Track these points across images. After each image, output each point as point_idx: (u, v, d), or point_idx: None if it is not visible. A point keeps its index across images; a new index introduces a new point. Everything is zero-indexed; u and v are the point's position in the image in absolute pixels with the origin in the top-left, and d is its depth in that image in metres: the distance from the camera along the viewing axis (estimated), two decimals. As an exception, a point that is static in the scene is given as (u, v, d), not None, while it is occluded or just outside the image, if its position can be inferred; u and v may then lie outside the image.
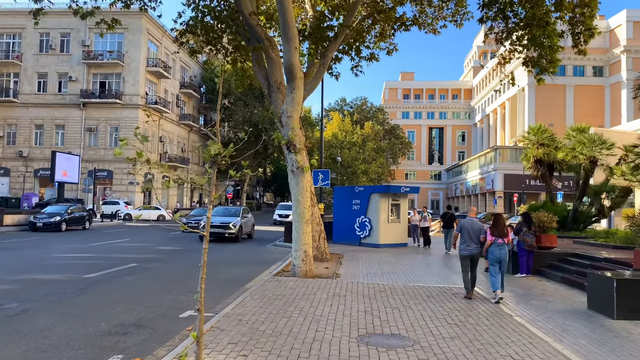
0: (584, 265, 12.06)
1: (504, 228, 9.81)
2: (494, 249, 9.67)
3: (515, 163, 59.96)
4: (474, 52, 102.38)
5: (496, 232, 9.71)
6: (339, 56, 18.68)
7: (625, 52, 62.32)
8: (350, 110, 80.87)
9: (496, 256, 9.65)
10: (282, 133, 12.22)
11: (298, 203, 12.01)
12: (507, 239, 9.83)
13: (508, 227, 14.27)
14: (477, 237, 9.70)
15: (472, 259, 9.76)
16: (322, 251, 16.06)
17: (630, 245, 14.75)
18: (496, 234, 9.69)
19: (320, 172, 21.51)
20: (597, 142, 20.58)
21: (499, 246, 9.66)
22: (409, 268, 14.52)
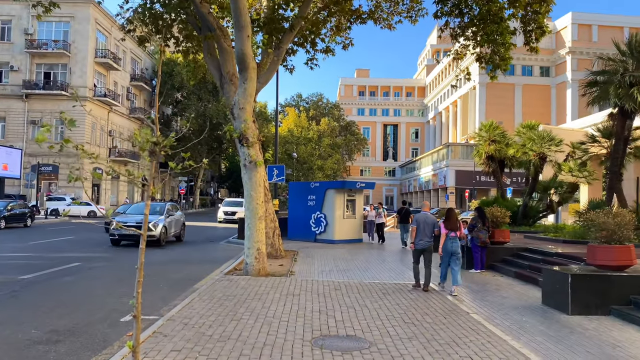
0: (537, 260, 12.16)
1: (457, 222, 10.22)
2: (447, 243, 10.08)
3: (467, 160, 61.29)
4: (427, 50, 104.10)
5: (449, 225, 10.09)
6: (294, 48, 18.26)
7: (570, 54, 64.73)
8: (306, 106, 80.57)
9: (449, 249, 10.03)
10: (234, 126, 11.71)
11: (251, 199, 11.54)
12: (460, 232, 10.19)
13: (462, 222, 14.34)
14: (431, 231, 10.02)
15: (424, 252, 10.07)
16: (276, 248, 15.63)
17: (579, 240, 15.07)
18: (449, 228, 10.08)
19: (275, 167, 21.07)
20: (546, 138, 21.04)
21: (451, 239, 10.07)
22: (365, 264, 14.31)
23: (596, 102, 14.14)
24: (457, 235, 10.08)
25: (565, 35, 65.65)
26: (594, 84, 14.31)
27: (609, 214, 8.48)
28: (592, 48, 64.21)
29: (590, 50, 64.29)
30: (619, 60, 13.87)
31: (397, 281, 11.28)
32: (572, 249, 12.93)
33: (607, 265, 8.27)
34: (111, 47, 51.16)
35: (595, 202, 16.19)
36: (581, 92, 15.01)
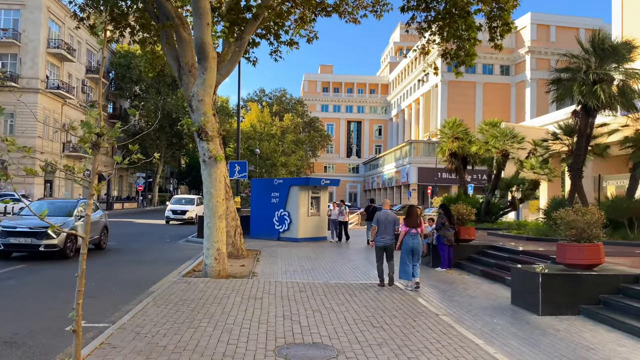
0: (503, 258, 12.05)
1: (417, 219, 10.24)
2: (408, 239, 10.10)
3: (429, 157, 61.93)
4: (390, 48, 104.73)
5: (410, 222, 10.13)
6: (257, 40, 17.68)
7: (529, 53, 66.23)
8: (270, 101, 79.60)
9: (410, 246, 10.05)
10: (192, 119, 11.08)
11: (211, 196, 10.95)
12: (420, 229, 10.26)
13: (429, 219, 14.14)
14: (392, 229, 10.08)
15: (386, 250, 10.10)
16: (238, 247, 15.06)
17: (542, 237, 15.14)
18: (409, 225, 10.12)
19: (237, 163, 20.44)
20: (509, 135, 21.19)
21: (412, 236, 10.10)
22: (330, 264, 13.92)
23: (560, 100, 14.20)
24: (418, 232, 10.12)
25: (525, 34, 67.12)
26: (558, 81, 14.35)
27: (579, 212, 8.34)
28: (550, 48, 65.92)
29: (548, 50, 66.01)
30: (582, 58, 13.92)
31: (364, 281, 10.94)
32: (537, 247, 12.91)
33: (577, 264, 8.13)
34: (65, 38, 49.04)
35: (558, 199, 16.32)
36: (545, 90, 15.04)
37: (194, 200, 33.45)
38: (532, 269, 8.39)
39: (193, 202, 33.18)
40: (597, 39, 13.41)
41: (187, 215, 31.25)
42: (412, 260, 10.01)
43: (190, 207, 32.25)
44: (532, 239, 15.18)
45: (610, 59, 13.35)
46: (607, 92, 12.91)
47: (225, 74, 15.09)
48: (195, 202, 32.97)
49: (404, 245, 10.12)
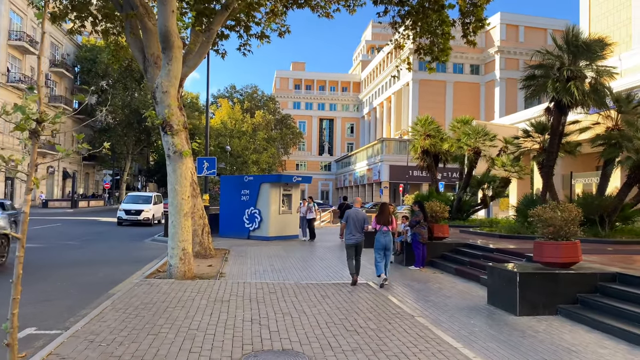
0: (477, 256, 11.86)
1: (389, 216, 10.33)
2: (379, 237, 10.21)
3: (400, 154, 62.14)
4: (362, 46, 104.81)
5: (381, 220, 10.25)
6: (226, 33, 17.12)
7: (499, 53, 67.10)
8: (241, 98, 78.59)
9: (381, 243, 10.16)
10: (157, 111, 10.50)
11: (175, 193, 10.39)
12: (392, 226, 10.37)
13: (403, 217, 13.88)
14: (362, 227, 10.13)
15: (356, 247, 10.13)
16: (205, 247, 14.51)
17: (515, 235, 15.06)
18: (381, 222, 10.24)
19: (205, 159, 19.83)
20: (481, 133, 21.16)
21: (384, 233, 10.20)
22: (301, 263, 13.51)
23: (534, 96, 14.11)
24: (389, 229, 10.26)
25: (494, 34, 67.97)
26: (532, 77, 14.26)
27: (556, 209, 8.15)
28: (519, 48, 66.94)
29: (517, 50, 67.02)
30: (556, 55, 13.86)
31: (336, 280, 10.57)
32: (510, 244, 12.77)
33: (554, 262, 7.93)
34: (27, 30, 47.24)
35: (530, 197, 16.30)
36: (520, 86, 14.96)
37: (151, 199, 29.62)
38: (510, 268, 8.15)
39: (150, 201, 29.33)
40: (571, 36, 13.36)
41: (143, 216, 27.62)
42: (383, 257, 10.13)
43: (146, 206, 28.41)
44: (505, 236, 15.09)
45: (584, 56, 13.32)
46: (581, 89, 12.88)
47: (193, 66, 14.52)
48: (153, 200, 29.49)
49: (376, 242, 10.26)
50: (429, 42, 15.92)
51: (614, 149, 13.87)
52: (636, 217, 15.47)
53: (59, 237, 20.33)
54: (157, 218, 29.50)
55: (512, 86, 67.65)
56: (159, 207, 30.04)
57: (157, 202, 30.24)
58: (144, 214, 27.74)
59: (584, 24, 30.27)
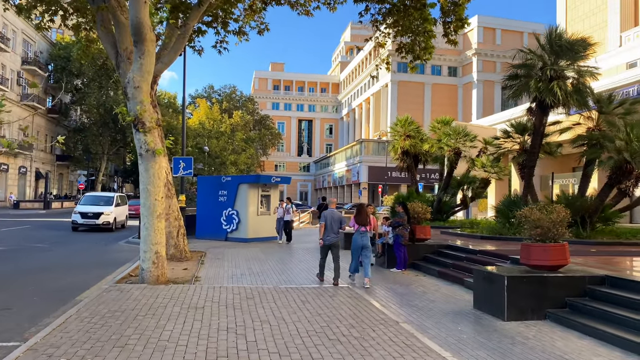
0: (460, 258, 11.61)
1: (367, 217, 10.42)
2: (357, 237, 10.34)
3: (379, 156, 62.15)
4: (341, 47, 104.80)
5: (359, 220, 10.35)
6: (203, 28, 16.61)
7: (476, 55, 67.67)
8: (219, 98, 77.69)
9: (359, 243, 10.30)
10: (128, 108, 9.98)
11: (148, 194, 9.88)
12: (369, 227, 10.46)
13: (384, 218, 13.57)
14: (338, 227, 10.21)
15: (331, 248, 10.21)
16: (180, 249, 13.99)
17: (496, 236, 14.89)
18: (359, 223, 10.34)
19: (181, 159, 19.25)
20: (462, 134, 21.04)
21: (361, 234, 10.32)
22: (280, 265, 13.10)
23: (517, 96, 13.97)
24: (367, 230, 10.37)
25: (472, 37, 68.53)
26: (515, 77, 14.11)
27: (544, 210, 7.91)
28: (496, 51, 67.62)
29: (494, 53, 67.69)
30: (539, 55, 13.73)
31: (317, 284, 10.18)
32: (493, 246, 12.58)
33: (542, 265, 7.69)
34: (-5, 25, 45.76)
35: (511, 198, 16.18)
36: (503, 85, 14.81)
37: (113, 200, 25.51)
38: (497, 272, 7.88)
39: (111, 202, 25.19)
40: (554, 36, 13.24)
41: (102, 220, 23.72)
42: (362, 257, 10.29)
43: (106, 208, 24.40)
44: (487, 237, 14.91)
45: (566, 56, 13.21)
46: (564, 89, 12.76)
47: (168, 62, 13.98)
48: (115, 201, 25.44)
49: (354, 242, 10.41)
50: (410, 41, 15.71)
51: (596, 149, 13.81)
52: (616, 218, 15.47)
53: (27, 239, 19.50)
54: (121, 222, 26.23)
55: (489, 88, 68.37)
56: (122, 210, 26.70)
57: (121, 203, 26.67)
58: (104, 217, 23.89)
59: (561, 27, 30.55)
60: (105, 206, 24.63)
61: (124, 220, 26.93)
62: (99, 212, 23.90)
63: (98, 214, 23.86)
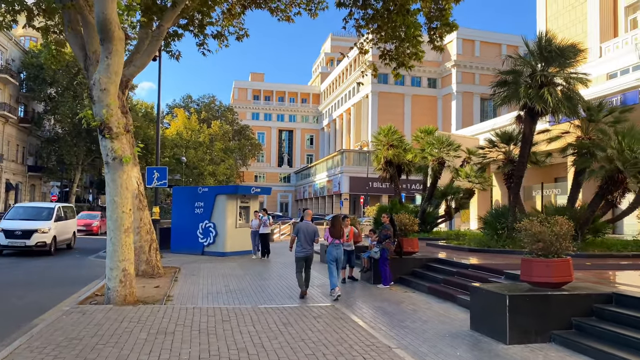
0: (450, 273, 10.99)
1: (341, 229, 10.50)
2: (332, 249, 10.36)
3: (360, 166, 61.73)
4: (321, 58, 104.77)
5: (333, 233, 10.40)
6: (180, 32, 15.89)
7: (455, 67, 68.01)
8: (197, 108, 76.54)
9: (333, 255, 10.32)
10: (94, 112, 9.17)
11: (115, 206, 9.04)
12: (343, 239, 10.58)
13: (370, 231, 12.91)
14: (312, 239, 10.14)
15: (306, 260, 10.19)
16: (153, 265, 13.10)
17: (485, 248, 14.35)
18: (333, 235, 10.38)
19: (155, 169, 18.37)
20: (445, 143, 20.58)
21: (335, 246, 10.36)
22: (260, 281, 12.31)
23: (505, 103, 13.51)
24: (341, 242, 10.46)
25: (451, 49, 68.88)
26: (503, 83, 13.67)
27: (546, 222, 7.33)
28: (474, 62, 68.08)
29: (473, 64, 68.14)
30: (527, 61, 13.31)
31: (298, 303, 9.44)
32: (484, 259, 11.99)
33: (546, 282, 7.09)
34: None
35: (499, 209, 15.69)
36: (491, 92, 14.38)
37: (53, 212, 19.69)
38: (497, 289, 7.24)
39: (50, 215, 19.45)
40: (544, 41, 12.84)
41: (36, 240, 18.17)
42: (336, 270, 10.33)
43: (42, 224, 18.76)
44: (475, 250, 14.35)
45: (556, 62, 12.81)
46: (555, 96, 12.33)
47: (141, 65, 13.24)
48: (55, 214, 19.59)
49: (328, 254, 10.41)
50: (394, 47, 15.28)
51: (586, 158, 13.40)
52: (606, 229, 15.09)
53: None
54: (65, 241, 20.78)
55: (468, 99, 68.74)
56: (66, 225, 20.95)
57: (65, 216, 20.87)
58: (38, 236, 18.22)
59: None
60: (42, 221, 18.89)
61: (70, 239, 21.55)
62: (31, 230, 18.18)
63: (29, 231, 18.12)
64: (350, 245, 12.30)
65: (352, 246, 12.38)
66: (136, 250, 13.01)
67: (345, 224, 12.31)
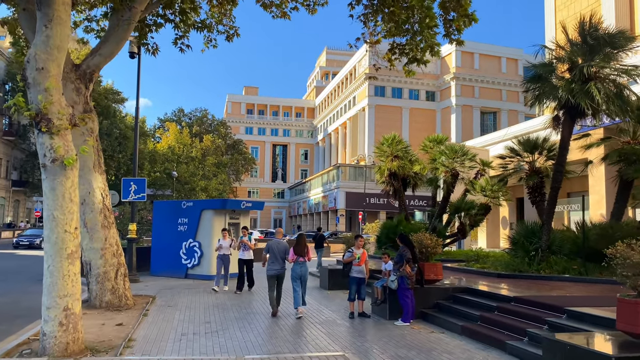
0: (489, 308, 8.75)
1: (305, 247, 10.38)
2: (295, 267, 10.19)
3: (357, 181, 59.59)
4: (316, 72, 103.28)
5: (297, 250, 10.26)
6: (158, 21, 13.81)
7: (454, 79, 66.38)
8: (189, 122, 74.44)
9: (297, 273, 10.15)
10: (28, 98, 6.99)
11: (55, 223, 6.78)
12: (308, 257, 10.37)
13: (384, 254, 10.71)
14: (283, 257, 10.34)
15: (278, 278, 10.30)
16: (120, 295, 10.80)
17: (517, 273, 12.17)
18: (297, 253, 10.23)
19: (132, 181, 16.14)
20: (459, 152, 18.47)
21: (299, 264, 10.21)
22: (250, 317, 10.03)
23: (539, 101, 11.46)
24: (305, 260, 10.29)
25: (450, 61, 67.39)
26: (537, 78, 11.60)
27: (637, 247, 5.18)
28: (474, 75, 66.54)
29: (472, 77, 66.58)
30: (569, 51, 11.24)
31: (308, 352, 7.18)
32: (524, 289, 9.79)
33: (660, 335, 4.90)
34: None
35: (529, 226, 13.51)
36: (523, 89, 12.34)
37: None
38: (597, 348, 5.02)
39: None
40: (589, 27, 10.80)
41: None
42: (300, 287, 10.11)
43: None
44: (505, 275, 12.18)
45: (603, 52, 10.76)
46: (603, 92, 10.25)
47: (109, 55, 11.17)
48: None
49: (292, 272, 10.18)
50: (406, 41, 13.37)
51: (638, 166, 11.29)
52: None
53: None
54: None
55: (467, 113, 67.00)
56: None
57: None
58: None
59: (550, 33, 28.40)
60: None
61: None
62: None
63: None
64: (362, 272, 10.09)
65: (364, 273, 10.16)
66: (100, 277, 10.76)
67: (358, 244, 10.16)
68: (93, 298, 10.72)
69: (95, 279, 10.69)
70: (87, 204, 10.70)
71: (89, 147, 10.72)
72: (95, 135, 11.04)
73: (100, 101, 49.70)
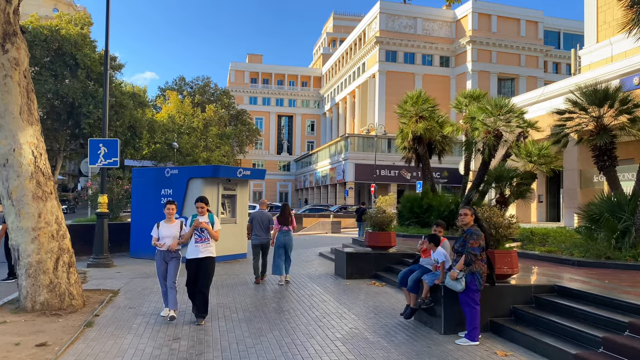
0: (610, 323, 5.56)
1: (289, 217, 10.57)
2: (280, 236, 10.47)
3: (366, 152, 56.30)
4: (323, 39, 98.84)
5: (281, 220, 10.49)
6: None
7: (470, 43, 62.19)
8: (191, 91, 71.00)
9: (281, 241, 10.41)
10: None
11: None
12: (292, 225, 10.58)
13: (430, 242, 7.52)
14: (267, 227, 10.64)
15: (262, 247, 10.62)
16: (61, 292, 7.73)
17: (602, 261, 8.99)
18: (281, 222, 10.48)
19: (102, 142, 13.01)
20: (505, 109, 15.12)
21: (283, 233, 10.46)
22: (243, 325, 6.95)
23: None
24: (289, 229, 10.49)
25: (466, 24, 63.12)
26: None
27: None
28: (491, 38, 62.31)
29: (490, 41, 62.36)
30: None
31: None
32: (619, 282, 6.61)
33: None
34: None
35: (612, 198, 10.31)
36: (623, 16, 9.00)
37: None
38: None
39: None
40: None
41: None
42: (282, 256, 10.33)
43: None
44: (588, 264, 9.00)
45: None
46: None
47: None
48: None
49: (276, 241, 10.44)
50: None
51: None
52: None
53: None
54: None
55: (484, 79, 62.90)
56: None
57: None
58: None
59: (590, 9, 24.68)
60: None
61: None
62: None
63: None
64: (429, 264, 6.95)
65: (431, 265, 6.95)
66: (31, 268, 7.68)
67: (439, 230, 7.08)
68: (23, 298, 7.67)
69: (24, 270, 7.62)
70: (10, 165, 7.59)
71: (12, 84, 7.55)
72: (24, 70, 7.84)
73: (95, 68, 46.54)
